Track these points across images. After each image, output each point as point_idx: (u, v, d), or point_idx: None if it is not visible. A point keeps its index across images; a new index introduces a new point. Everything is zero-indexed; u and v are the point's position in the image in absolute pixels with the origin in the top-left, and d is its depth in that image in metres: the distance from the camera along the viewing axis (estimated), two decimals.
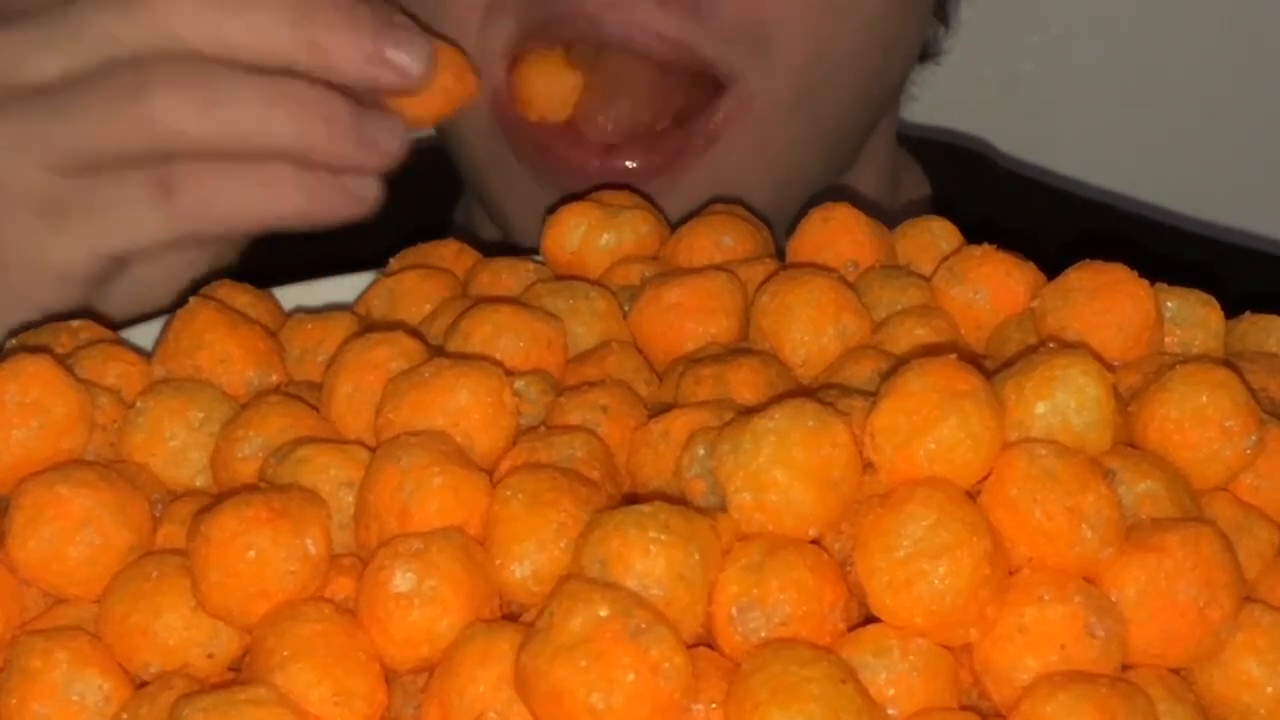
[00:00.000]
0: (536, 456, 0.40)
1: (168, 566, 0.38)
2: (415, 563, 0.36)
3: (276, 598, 0.37)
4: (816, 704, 0.33)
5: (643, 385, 0.44)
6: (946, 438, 0.37)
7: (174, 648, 0.38)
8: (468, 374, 0.40)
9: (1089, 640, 0.35)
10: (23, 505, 0.39)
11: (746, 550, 0.36)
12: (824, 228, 0.47)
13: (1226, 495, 0.40)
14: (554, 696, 0.34)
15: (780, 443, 0.37)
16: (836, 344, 0.43)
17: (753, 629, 0.36)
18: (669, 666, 0.34)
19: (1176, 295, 0.44)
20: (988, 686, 0.36)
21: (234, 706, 0.34)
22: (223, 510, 0.37)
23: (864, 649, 0.35)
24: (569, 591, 0.35)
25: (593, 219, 0.49)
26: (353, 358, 0.42)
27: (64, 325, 0.46)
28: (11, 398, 0.41)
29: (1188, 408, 0.39)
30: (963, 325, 0.45)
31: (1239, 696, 0.37)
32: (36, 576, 0.39)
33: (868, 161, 0.76)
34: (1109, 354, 0.42)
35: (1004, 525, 0.36)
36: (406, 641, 0.36)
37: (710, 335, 0.44)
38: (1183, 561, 0.36)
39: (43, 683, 0.37)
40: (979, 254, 0.45)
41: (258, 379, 0.44)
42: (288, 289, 0.49)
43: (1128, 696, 0.35)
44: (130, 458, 0.42)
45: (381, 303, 0.48)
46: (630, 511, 0.36)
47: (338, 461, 0.40)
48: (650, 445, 0.40)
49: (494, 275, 0.48)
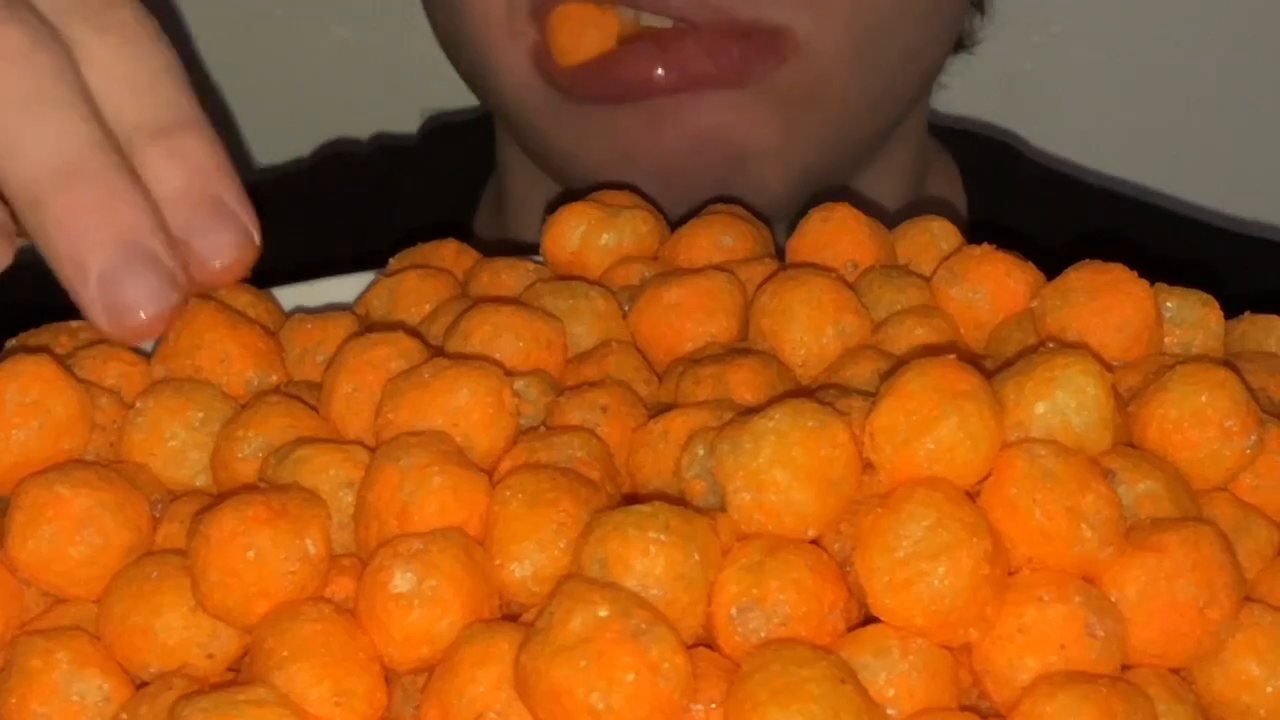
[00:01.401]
0: (536, 456, 0.40)
1: (168, 566, 0.38)
2: (415, 563, 0.36)
3: (276, 598, 0.37)
4: (816, 704, 0.33)
5: (643, 385, 0.44)
6: (946, 438, 0.37)
7: (174, 648, 0.38)
8: (467, 374, 0.40)
9: (1089, 640, 0.35)
10: (22, 505, 0.39)
11: (746, 550, 0.36)
12: (824, 228, 0.47)
13: (1226, 495, 0.40)
14: (554, 696, 0.34)
15: (780, 443, 0.37)
16: (836, 344, 0.43)
17: (752, 629, 0.36)
18: (669, 667, 0.34)
19: (1176, 295, 0.44)
20: (988, 686, 0.36)
21: (234, 706, 0.34)
22: (222, 510, 0.37)
23: (864, 649, 0.35)
24: (569, 591, 0.35)
25: (593, 219, 0.49)
26: (352, 358, 0.42)
27: (63, 326, 0.46)
28: (11, 397, 0.41)
29: (1187, 408, 0.39)
30: (962, 325, 0.45)
31: (1239, 696, 0.37)
32: (36, 576, 0.39)
33: (900, 146, 0.76)
34: (1109, 354, 0.42)
35: (1004, 525, 0.36)
36: (406, 641, 0.36)
37: (710, 335, 0.44)
38: (1183, 561, 0.36)
39: (43, 683, 0.37)
40: (978, 254, 0.45)
41: (258, 379, 0.44)
42: (288, 289, 0.49)
43: (1128, 696, 0.35)
44: (130, 458, 0.42)
45: (381, 303, 0.48)
46: (630, 511, 0.36)
47: (337, 461, 0.40)
48: (650, 445, 0.40)
49: (494, 275, 0.48)
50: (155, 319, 0.41)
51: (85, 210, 0.40)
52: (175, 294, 0.41)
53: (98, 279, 0.40)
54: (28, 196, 0.40)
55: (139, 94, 0.42)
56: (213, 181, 0.42)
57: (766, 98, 0.65)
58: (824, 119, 0.67)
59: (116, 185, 0.41)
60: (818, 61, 0.65)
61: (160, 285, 0.41)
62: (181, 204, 0.42)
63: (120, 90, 0.42)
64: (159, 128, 0.42)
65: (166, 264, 0.41)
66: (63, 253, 0.40)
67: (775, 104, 0.65)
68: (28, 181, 0.40)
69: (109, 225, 0.40)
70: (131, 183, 0.41)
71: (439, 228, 0.54)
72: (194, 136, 0.43)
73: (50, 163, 0.40)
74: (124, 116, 0.42)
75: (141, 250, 0.41)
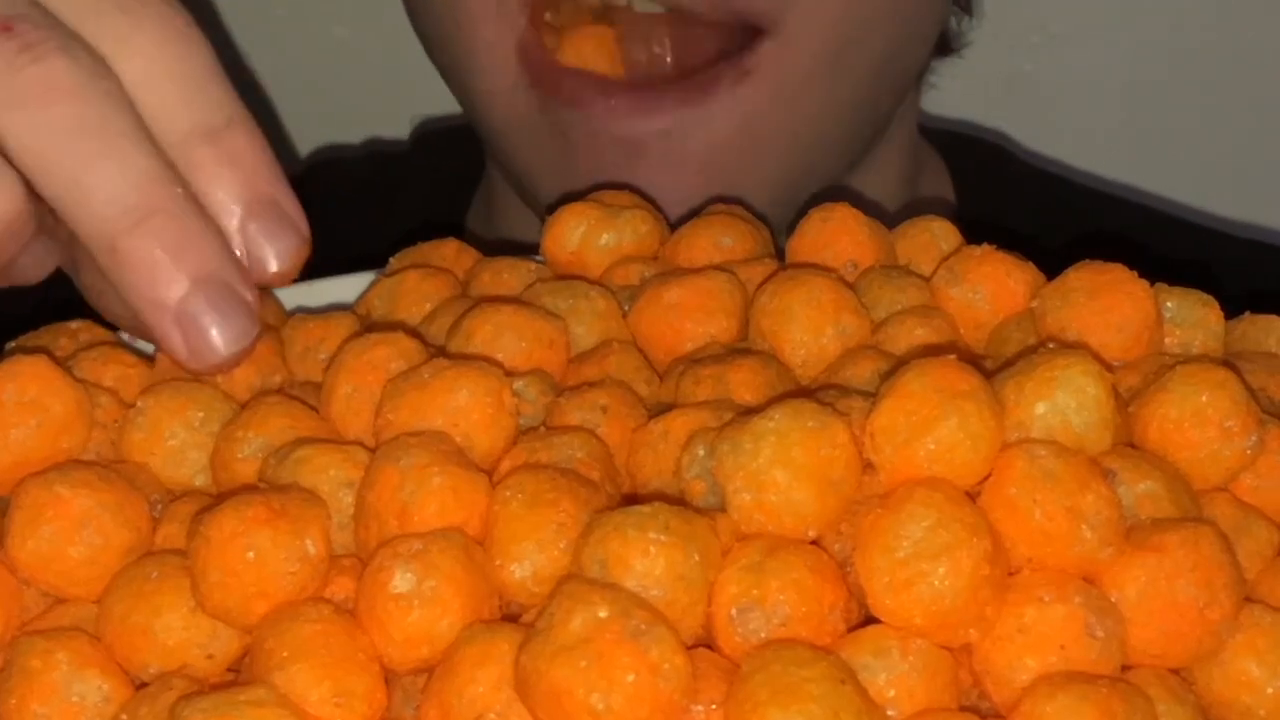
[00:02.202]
0: (536, 457, 0.40)
1: (168, 566, 0.38)
2: (415, 563, 0.36)
3: (276, 598, 0.37)
4: (816, 704, 0.33)
5: (643, 385, 0.44)
6: (946, 438, 0.37)
7: (174, 648, 0.38)
8: (467, 374, 0.40)
9: (1089, 641, 0.35)
10: (22, 505, 0.39)
11: (746, 551, 0.36)
12: (824, 228, 0.47)
13: (1226, 495, 0.40)
14: (554, 697, 0.34)
15: (780, 443, 0.37)
16: (836, 344, 0.43)
17: (752, 629, 0.36)
18: (669, 667, 0.34)
19: (1176, 295, 0.44)
20: (988, 687, 0.36)
21: (234, 707, 0.34)
22: (222, 510, 0.37)
23: (864, 649, 0.35)
24: (569, 592, 0.35)
25: (593, 219, 0.49)
26: (352, 358, 0.42)
27: (63, 327, 0.46)
28: (10, 397, 0.41)
29: (1188, 408, 0.39)
30: (962, 325, 0.45)
31: (1239, 696, 0.37)
32: (36, 576, 0.39)
33: (890, 148, 0.76)
34: (1109, 354, 0.42)
35: (1004, 525, 0.36)
36: (406, 642, 0.36)
37: (710, 335, 0.44)
38: (1183, 561, 0.36)
39: (42, 683, 0.37)
40: (978, 254, 0.45)
41: (259, 381, 0.44)
42: (288, 289, 0.49)
43: (1128, 697, 0.35)
44: (130, 457, 0.42)
45: (382, 303, 0.48)
46: (630, 512, 0.36)
47: (337, 462, 0.39)
48: (650, 445, 0.40)
49: (495, 275, 0.48)
50: (237, 355, 0.41)
51: (160, 249, 0.40)
52: (254, 327, 0.41)
53: (176, 318, 0.40)
54: (101, 240, 0.40)
55: (186, 93, 0.42)
56: (265, 182, 0.42)
57: (728, 122, 0.66)
58: (788, 138, 0.67)
59: (187, 220, 0.41)
60: (796, 65, 0.65)
61: (239, 320, 0.41)
62: (238, 209, 0.42)
63: (168, 90, 0.42)
64: (210, 129, 0.42)
65: (244, 296, 0.41)
66: (141, 294, 0.40)
67: (738, 129, 0.65)
68: (99, 224, 0.40)
69: (184, 263, 0.40)
70: (199, 214, 0.41)
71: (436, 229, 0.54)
72: (243, 136, 0.42)
73: (120, 203, 0.40)
74: (174, 119, 0.42)
75: (219, 286, 0.41)
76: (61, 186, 0.40)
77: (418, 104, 0.97)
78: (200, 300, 0.40)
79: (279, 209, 0.42)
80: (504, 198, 0.79)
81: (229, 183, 0.42)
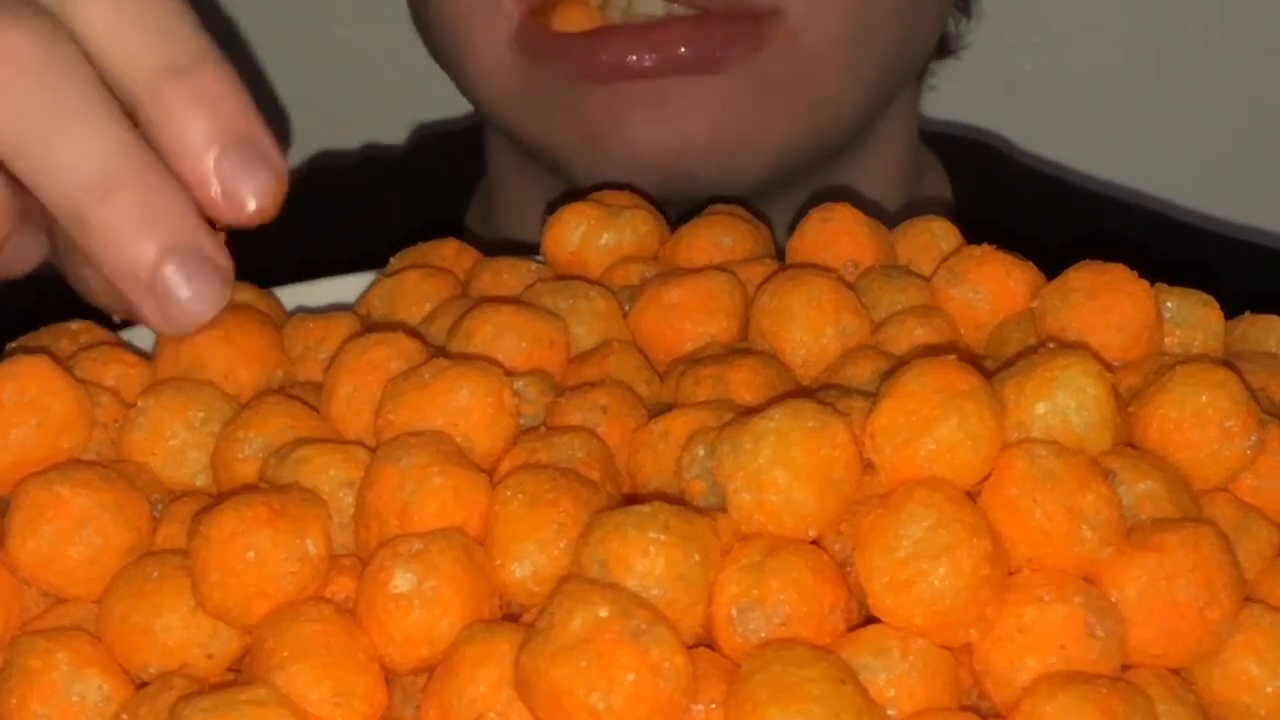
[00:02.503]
0: (536, 457, 0.40)
1: (168, 566, 0.38)
2: (415, 563, 0.36)
3: (276, 598, 0.37)
4: (817, 704, 0.33)
5: (643, 385, 0.44)
6: (946, 438, 0.37)
7: (174, 648, 0.38)
8: (467, 374, 0.40)
9: (1089, 640, 0.35)
10: (22, 505, 0.39)
11: (746, 551, 0.36)
12: (824, 228, 0.47)
13: (1226, 495, 0.40)
14: (554, 697, 0.34)
15: (780, 443, 0.37)
16: (836, 344, 0.43)
17: (753, 629, 0.36)
18: (669, 667, 0.34)
19: (1176, 295, 0.44)
20: (988, 687, 0.36)
21: (234, 707, 0.34)
22: (222, 510, 0.37)
23: (864, 649, 0.35)
24: (569, 592, 0.35)
25: (593, 219, 0.49)
26: (352, 358, 0.42)
27: (63, 328, 0.46)
28: (9, 397, 0.41)
29: (1188, 408, 0.39)
30: (962, 325, 0.45)
31: (1239, 696, 0.37)
32: (36, 576, 0.39)
33: (890, 145, 0.76)
34: (1109, 354, 0.42)
35: (1004, 525, 0.36)
36: (406, 642, 0.36)
37: (710, 335, 0.44)
38: (1183, 561, 0.36)
39: (43, 683, 0.37)
40: (979, 254, 0.45)
41: (262, 380, 0.44)
42: (289, 289, 0.49)
43: (1128, 697, 0.35)
44: (130, 457, 0.42)
45: (382, 303, 0.48)
46: (630, 512, 0.36)
47: (338, 462, 0.39)
48: (650, 445, 0.40)
49: (495, 275, 0.48)
50: (210, 317, 0.41)
51: (129, 217, 0.40)
52: (228, 290, 0.41)
53: (149, 287, 0.41)
54: (69, 211, 0.40)
55: (150, 35, 0.42)
56: (239, 120, 0.42)
57: (743, 82, 0.65)
58: (804, 103, 0.67)
59: (155, 186, 0.41)
60: (810, 46, 0.65)
61: (212, 285, 0.41)
62: (213, 148, 0.42)
63: (130, 34, 0.41)
64: (177, 67, 0.42)
65: (215, 260, 0.41)
66: (112, 263, 0.40)
67: (752, 88, 0.65)
68: (66, 196, 0.40)
69: (154, 231, 0.40)
70: (167, 181, 0.41)
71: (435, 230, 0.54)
72: (213, 73, 0.42)
73: (86, 174, 0.40)
74: (140, 62, 0.41)
75: (189, 252, 0.41)
76: (29, 165, 0.40)
77: (417, 109, 0.97)
78: (171, 267, 0.40)
79: (254, 146, 0.42)
80: (503, 200, 0.79)
81: (201, 122, 0.41)
